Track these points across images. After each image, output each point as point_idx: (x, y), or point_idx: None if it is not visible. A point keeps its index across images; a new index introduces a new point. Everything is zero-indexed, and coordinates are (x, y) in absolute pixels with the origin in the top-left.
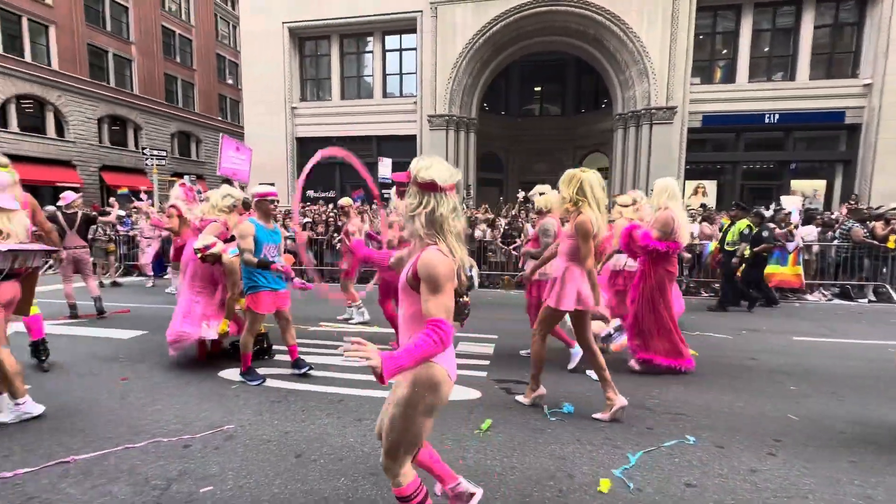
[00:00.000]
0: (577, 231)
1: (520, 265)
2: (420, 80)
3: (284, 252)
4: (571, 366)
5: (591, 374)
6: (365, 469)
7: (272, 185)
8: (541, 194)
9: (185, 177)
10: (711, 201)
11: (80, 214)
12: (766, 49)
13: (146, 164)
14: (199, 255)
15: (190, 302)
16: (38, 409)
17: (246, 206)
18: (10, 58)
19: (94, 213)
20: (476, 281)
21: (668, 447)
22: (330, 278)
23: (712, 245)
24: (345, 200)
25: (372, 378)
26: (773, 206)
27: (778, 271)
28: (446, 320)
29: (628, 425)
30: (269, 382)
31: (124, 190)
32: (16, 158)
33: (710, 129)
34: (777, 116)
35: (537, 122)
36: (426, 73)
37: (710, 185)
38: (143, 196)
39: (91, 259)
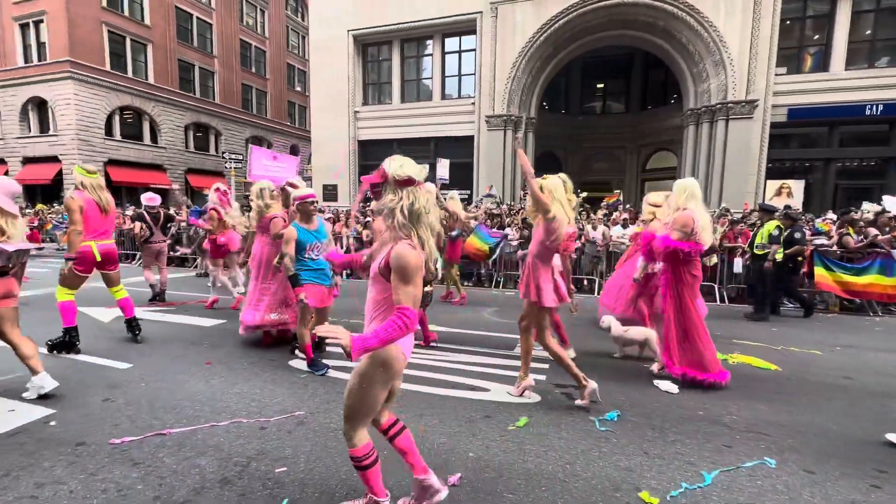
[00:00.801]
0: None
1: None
2: (478, 80)
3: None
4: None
5: (662, 384)
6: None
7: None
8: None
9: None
10: (797, 202)
11: (162, 213)
12: (868, 32)
13: (225, 167)
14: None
15: (259, 292)
16: (52, 384)
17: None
18: (116, 74)
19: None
20: (441, 273)
21: (749, 468)
22: None
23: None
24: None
25: (432, 376)
26: (865, 207)
27: (881, 282)
28: (412, 308)
29: (702, 441)
30: (335, 374)
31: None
32: (119, 163)
33: (798, 123)
34: (881, 108)
35: (599, 120)
36: (485, 74)
37: (797, 186)
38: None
39: (168, 253)
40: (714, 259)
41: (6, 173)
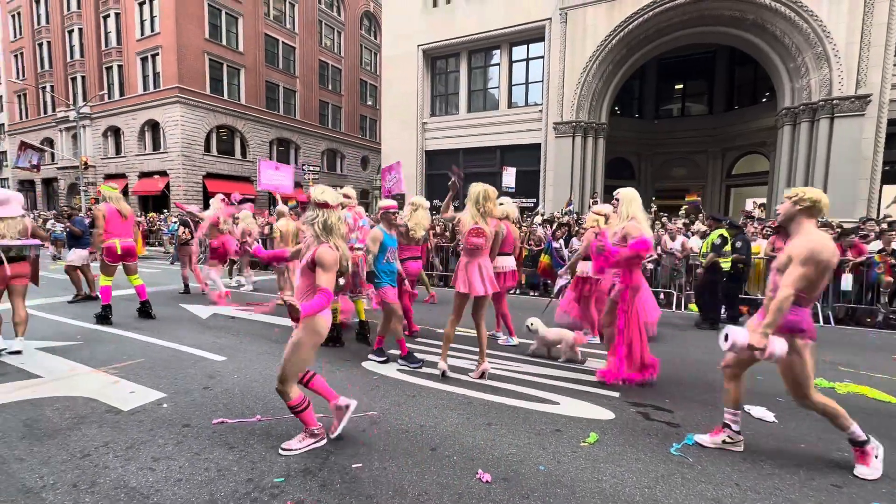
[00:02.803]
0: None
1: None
2: (546, 87)
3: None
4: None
5: (754, 410)
6: (497, 473)
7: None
8: (500, 204)
9: (336, 188)
10: None
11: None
12: None
13: (304, 178)
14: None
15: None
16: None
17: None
18: (215, 97)
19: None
20: (351, 267)
21: None
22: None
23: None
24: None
25: (499, 384)
26: None
27: None
28: (330, 290)
29: (805, 478)
30: (403, 377)
31: (293, 203)
32: (214, 176)
33: None
34: None
35: (677, 123)
36: (553, 81)
37: None
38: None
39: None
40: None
41: (125, 186)
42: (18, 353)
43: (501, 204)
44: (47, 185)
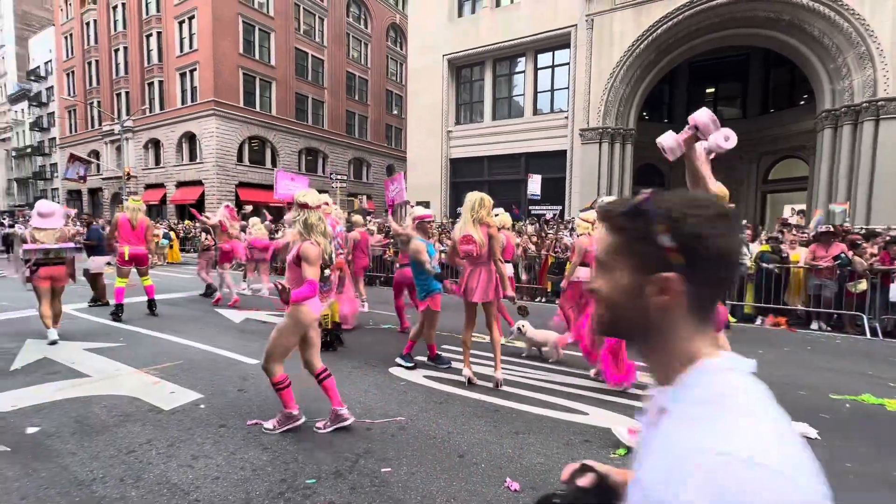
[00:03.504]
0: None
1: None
2: (572, 94)
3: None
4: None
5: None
6: (525, 482)
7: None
8: (496, 215)
9: (361, 197)
10: None
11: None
12: None
13: (332, 186)
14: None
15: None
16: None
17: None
18: (247, 109)
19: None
20: (335, 259)
21: None
22: None
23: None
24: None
25: (526, 393)
26: None
27: None
28: (316, 281)
29: (855, 502)
30: (431, 384)
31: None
32: (246, 185)
33: None
34: None
35: None
36: (579, 87)
37: None
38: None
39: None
40: (863, 285)
41: (164, 196)
42: (55, 342)
43: (496, 215)
44: (93, 194)
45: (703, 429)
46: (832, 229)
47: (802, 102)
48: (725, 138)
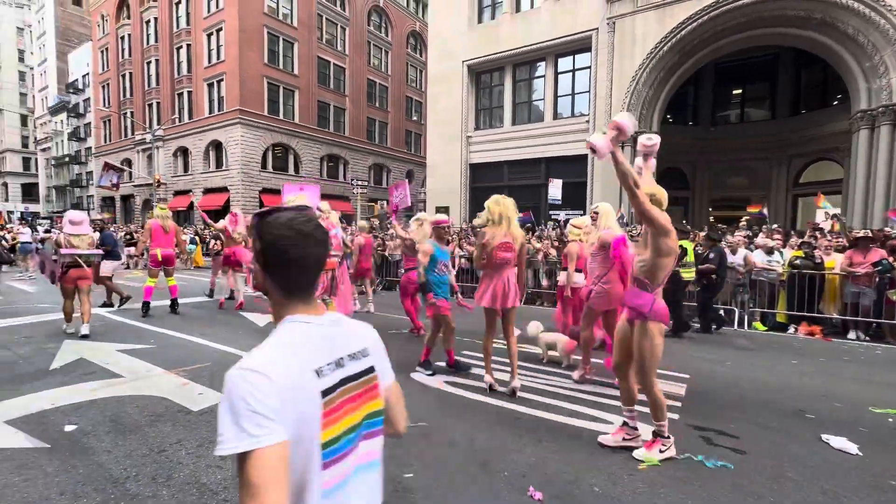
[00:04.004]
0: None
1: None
2: (593, 98)
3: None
4: None
5: (834, 441)
6: (549, 492)
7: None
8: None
9: (381, 202)
10: None
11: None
12: None
13: (353, 192)
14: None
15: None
16: (84, 330)
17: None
18: (271, 117)
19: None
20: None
21: None
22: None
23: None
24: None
25: (549, 400)
26: None
27: None
28: None
29: None
30: (452, 390)
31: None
32: (270, 191)
33: None
34: None
35: (735, 129)
36: (600, 91)
37: None
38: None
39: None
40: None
41: (191, 202)
42: (86, 336)
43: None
44: (125, 201)
45: (247, 356)
46: (870, 234)
47: (836, 102)
48: (648, 138)
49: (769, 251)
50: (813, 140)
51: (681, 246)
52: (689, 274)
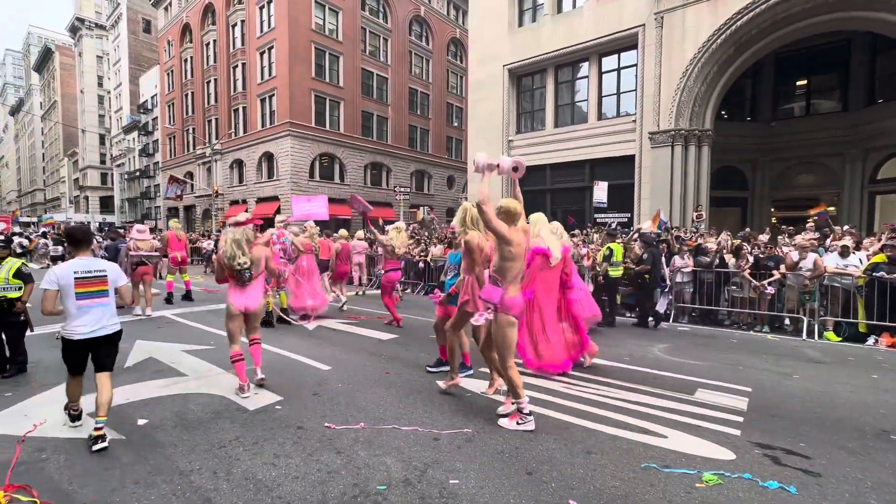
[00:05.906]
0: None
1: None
2: (640, 96)
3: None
4: None
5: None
6: None
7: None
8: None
9: (423, 208)
10: None
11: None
12: None
13: (396, 199)
14: None
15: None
16: (148, 312)
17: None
18: (318, 128)
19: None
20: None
21: None
22: None
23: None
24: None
25: (599, 411)
26: None
27: None
28: (230, 280)
29: None
30: (496, 396)
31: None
32: None
33: None
34: None
35: (801, 123)
36: (648, 89)
37: None
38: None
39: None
40: None
41: (246, 210)
42: (149, 317)
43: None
44: (188, 211)
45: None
46: None
47: None
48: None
49: (843, 253)
50: (891, 132)
51: (609, 247)
52: (616, 272)
